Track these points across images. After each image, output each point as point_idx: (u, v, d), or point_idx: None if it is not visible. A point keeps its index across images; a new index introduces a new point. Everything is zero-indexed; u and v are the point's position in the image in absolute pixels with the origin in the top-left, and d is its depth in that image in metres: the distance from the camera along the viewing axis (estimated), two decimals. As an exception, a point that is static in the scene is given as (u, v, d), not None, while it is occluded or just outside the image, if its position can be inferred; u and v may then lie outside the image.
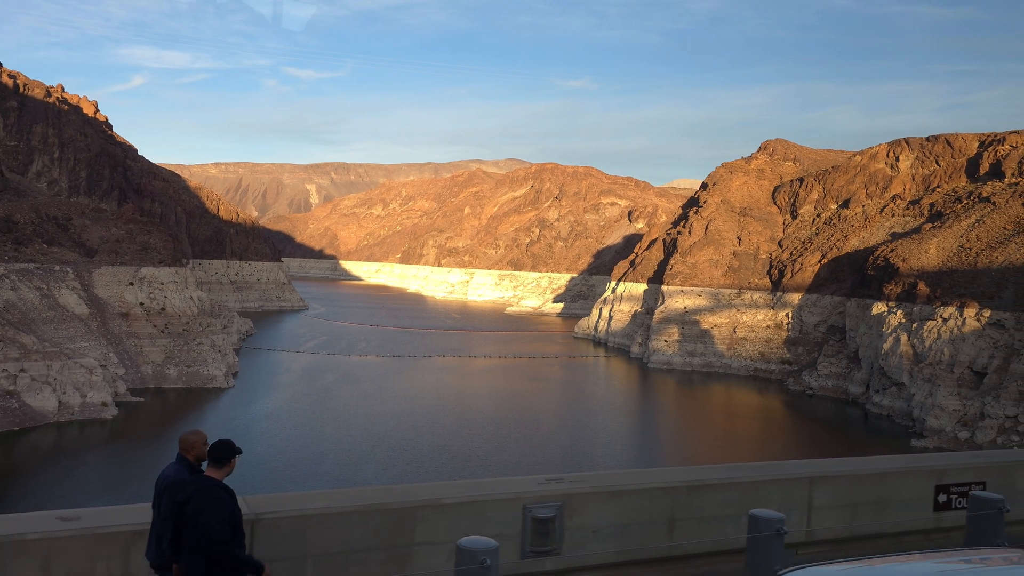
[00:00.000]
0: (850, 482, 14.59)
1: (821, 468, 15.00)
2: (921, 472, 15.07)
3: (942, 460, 15.81)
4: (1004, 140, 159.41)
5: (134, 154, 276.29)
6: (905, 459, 16.22)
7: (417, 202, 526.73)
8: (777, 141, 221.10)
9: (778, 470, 14.71)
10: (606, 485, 13.16)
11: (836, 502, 14.35)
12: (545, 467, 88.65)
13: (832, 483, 14.44)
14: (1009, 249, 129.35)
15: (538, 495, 12.30)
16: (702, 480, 13.77)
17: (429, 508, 11.96)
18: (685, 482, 13.58)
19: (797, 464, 15.14)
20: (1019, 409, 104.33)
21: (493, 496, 12.35)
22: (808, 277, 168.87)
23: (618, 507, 12.86)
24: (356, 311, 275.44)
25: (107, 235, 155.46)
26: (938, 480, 14.77)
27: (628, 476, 13.95)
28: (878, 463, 15.59)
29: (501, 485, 13.02)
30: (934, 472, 14.94)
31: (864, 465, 15.36)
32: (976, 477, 14.91)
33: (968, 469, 15.30)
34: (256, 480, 78.81)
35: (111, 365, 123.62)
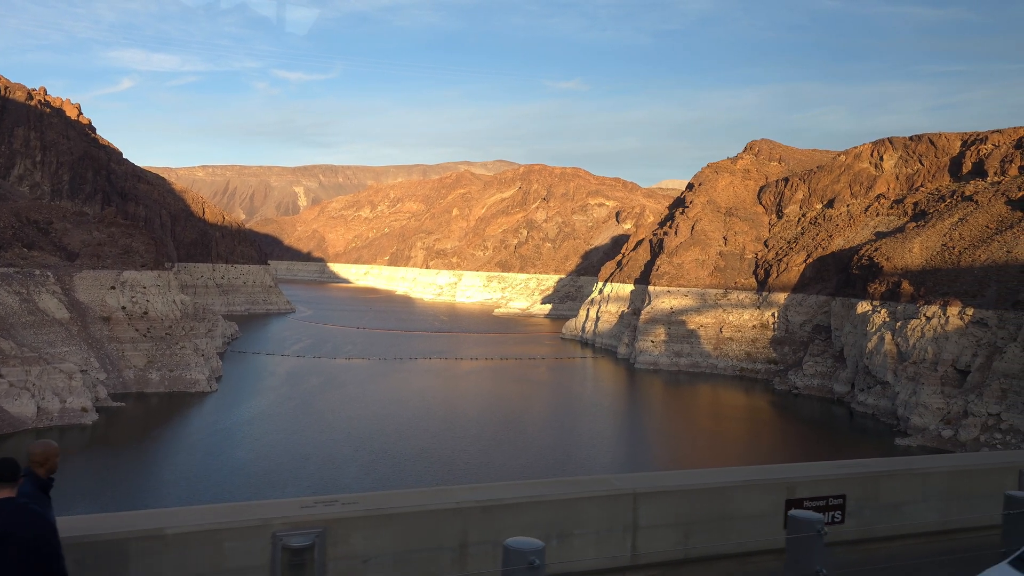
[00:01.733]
0: (683, 498, 12.94)
1: (648, 483, 13.23)
2: (769, 485, 13.41)
3: (794, 472, 13.90)
4: (986, 139, 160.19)
5: (118, 157, 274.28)
6: (751, 471, 14.19)
7: (405, 204, 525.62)
8: (762, 141, 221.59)
9: (597, 486, 12.85)
10: (382, 507, 11.52)
11: (667, 521, 12.74)
12: (531, 470, 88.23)
13: (662, 499, 12.80)
14: (992, 248, 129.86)
15: (293, 521, 10.66)
16: (500, 499, 12.05)
17: (149, 540, 10.04)
18: (480, 502, 11.88)
19: (621, 479, 13.19)
20: (1002, 407, 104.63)
21: (234, 523, 10.54)
22: (794, 277, 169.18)
23: (397, 532, 11.30)
24: (343, 314, 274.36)
25: (88, 239, 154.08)
26: (789, 494, 13.25)
27: (412, 496, 12.16)
28: (718, 476, 13.85)
29: (246, 510, 11.15)
30: (784, 485, 13.37)
31: (701, 478, 13.65)
32: (834, 490, 13.46)
33: (824, 482, 13.66)
34: (235, 485, 78.08)
35: (92, 370, 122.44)
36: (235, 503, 11.94)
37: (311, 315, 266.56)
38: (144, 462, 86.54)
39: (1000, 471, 14.91)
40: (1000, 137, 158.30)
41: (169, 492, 74.82)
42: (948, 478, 14.56)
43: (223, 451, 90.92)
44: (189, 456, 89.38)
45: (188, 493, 74.03)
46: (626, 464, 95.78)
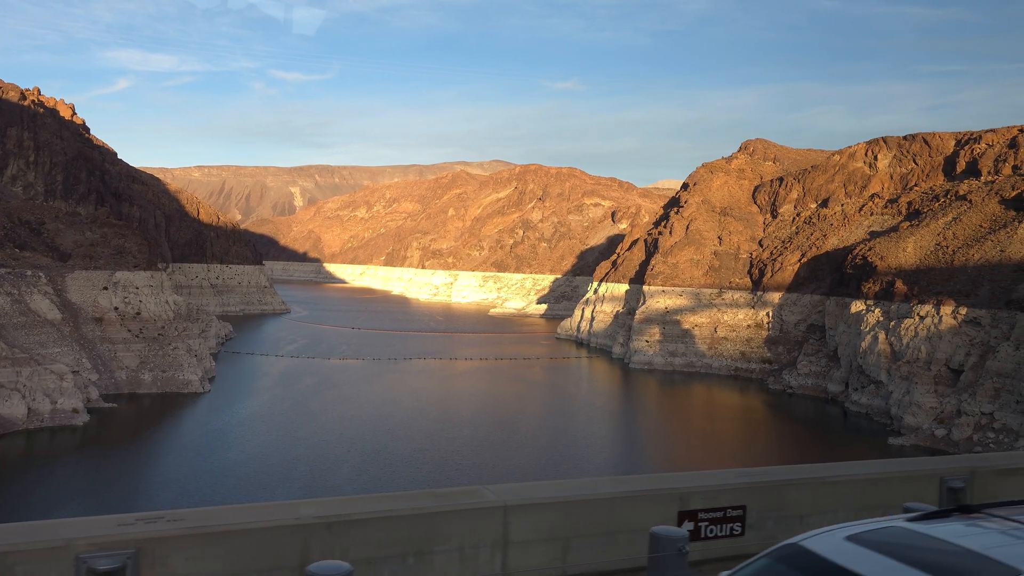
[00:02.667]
0: (561, 510, 11.80)
1: (522, 494, 12.06)
2: (658, 496, 12.32)
3: (687, 481, 12.78)
4: (980, 139, 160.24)
5: (113, 157, 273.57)
6: (641, 480, 13.08)
7: (401, 204, 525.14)
8: (757, 141, 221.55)
9: (463, 498, 11.72)
10: (211, 524, 10.34)
11: (543, 535, 11.67)
12: (524, 470, 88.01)
13: (536, 512, 11.69)
14: (985, 247, 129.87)
15: (101, 541, 9.52)
16: (348, 515, 10.89)
17: None
18: (324, 518, 10.70)
19: (492, 490, 12.00)
20: (995, 406, 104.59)
21: (30, 545, 9.30)
22: (788, 276, 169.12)
23: (228, 552, 10.13)
24: (339, 314, 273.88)
25: (81, 239, 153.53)
26: (681, 505, 12.19)
27: (248, 511, 10.96)
28: (602, 486, 12.67)
29: (46, 529, 9.83)
30: (675, 496, 12.29)
31: (581, 489, 12.42)
32: (733, 500, 12.36)
33: (722, 491, 12.50)
34: (225, 487, 77.72)
35: (84, 371, 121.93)
36: (35, 521, 10.67)
37: (306, 315, 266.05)
38: (134, 464, 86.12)
39: (921, 479, 13.81)
40: (994, 136, 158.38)
41: (158, 494, 74.41)
42: (862, 487, 13.44)
43: (214, 452, 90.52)
44: (179, 458, 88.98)
45: (177, 495, 73.64)
46: (619, 464, 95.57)
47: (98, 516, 10.89)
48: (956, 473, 13.67)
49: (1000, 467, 14.21)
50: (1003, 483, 14.00)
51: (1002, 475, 14.04)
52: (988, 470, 13.93)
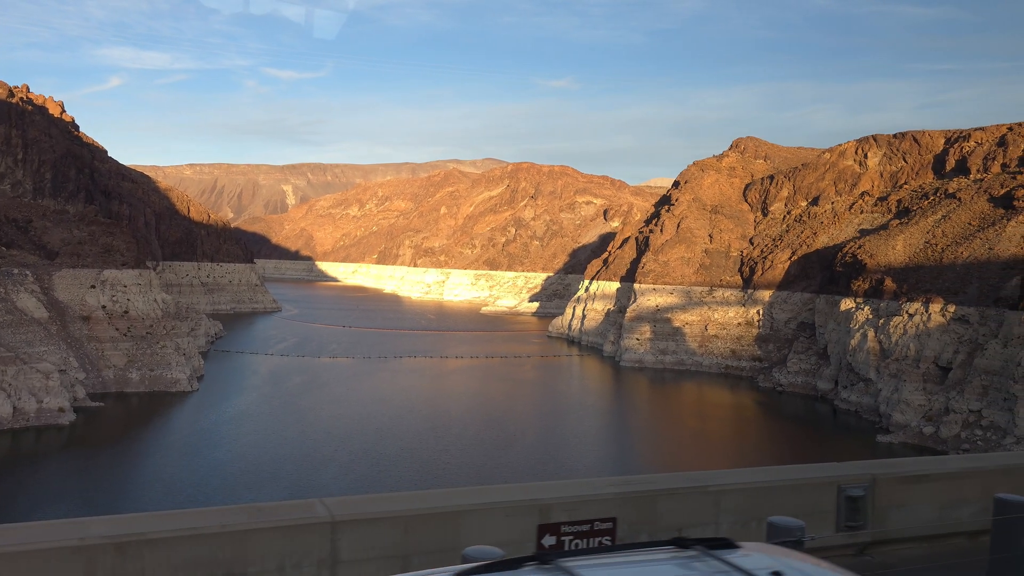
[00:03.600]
0: (400, 525, 10.71)
1: (355, 508, 10.83)
2: (515, 508, 11.15)
3: (550, 492, 11.56)
4: (969, 137, 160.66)
5: (103, 155, 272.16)
6: (497, 491, 11.83)
7: (393, 202, 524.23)
8: (748, 139, 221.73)
9: (285, 513, 10.40)
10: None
11: (378, 553, 10.59)
12: (512, 469, 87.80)
13: (371, 528, 10.59)
14: (974, 245, 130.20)
15: None
16: (142, 533, 9.42)
17: None
18: (113, 537, 9.29)
19: (323, 503, 10.72)
20: (983, 403, 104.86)
21: None
22: (778, 274, 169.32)
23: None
24: (330, 312, 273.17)
25: (69, 237, 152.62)
26: (542, 518, 11.02)
27: (24, 532, 9.47)
28: (449, 498, 11.44)
29: None
30: (535, 508, 11.09)
31: (425, 502, 11.19)
32: (602, 512, 11.20)
33: (589, 502, 11.28)
34: (211, 487, 77.29)
35: (71, 370, 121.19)
36: None
37: (297, 314, 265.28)
38: (120, 463, 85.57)
39: (814, 487, 12.51)
40: (983, 135, 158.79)
41: (143, 494, 73.95)
42: (748, 496, 12.25)
43: (201, 452, 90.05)
44: (166, 457, 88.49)
45: (162, 495, 73.21)
46: (606, 465, 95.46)
47: None
48: (855, 480, 12.52)
49: (905, 474, 12.99)
50: (908, 491, 12.80)
51: (906, 482, 12.78)
52: (891, 477, 12.72)
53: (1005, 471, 13.68)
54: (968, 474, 13.48)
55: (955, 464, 13.72)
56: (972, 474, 13.51)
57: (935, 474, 13.22)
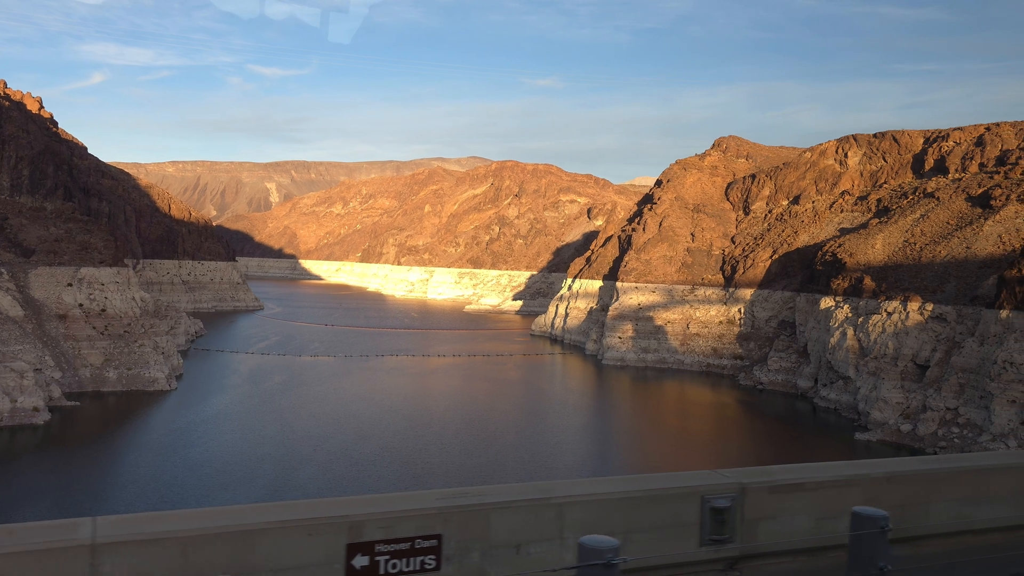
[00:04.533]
0: (179, 547, 9.30)
1: (122, 529, 9.42)
2: (322, 526, 9.93)
3: (362, 507, 10.32)
4: (948, 137, 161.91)
5: (82, 152, 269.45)
6: (302, 507, 10.43)
7: (377, 200, 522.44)
8: (730, 138, 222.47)
9: (35, 536, 8.97)
10: None
11: (136, 571, 9.21)
12: (490, 469, 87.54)
13: (143, 550, 9.16)
14: (952, 244, 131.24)
15: None
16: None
17: None
18: None
19: (89, 524, 9.33)
20: (959, 401, 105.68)
21: None
22: (760, 273, 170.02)
23: None
24: (313, 311, 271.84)
25: (45, 235, 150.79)
26: (352, 537, 9.87)
27: None
28: (244, 515, 10.09)
29: None
30: (344, 525, 9.92)
31: (208, 521, 9.85)
32: (424, 528, 10.12)
33: (409, 518, 10.14)
34: (187, 486, 76.53)
35: (46, 368, 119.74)
36: None
37: (280, 312, 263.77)
38: (94, 463, 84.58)
39: (675, 498, 11.37)
40: (961, 135, 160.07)
41: (116, 494, 73.08)
42: (599, 509, 11.10)
43: (176, 451, 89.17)
44: (141, 457, 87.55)
45: (135, 496, 72.37)
46: (585, 463, 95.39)
47: None
48: (721, 490, 11.44)
49: (777, 482, 11.80)
50: (781, 501, 11.69)
51: (779, 492, 11.66)
52: (761, 487, 11.60)
53: (889, 478, 12.48)
54: (849, 482, 12.25)
55: (834, 472, 12.35)
56: (853, 482, 12.28)
57: (811, 483, 12.01)
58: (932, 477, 12.80)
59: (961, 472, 13.07)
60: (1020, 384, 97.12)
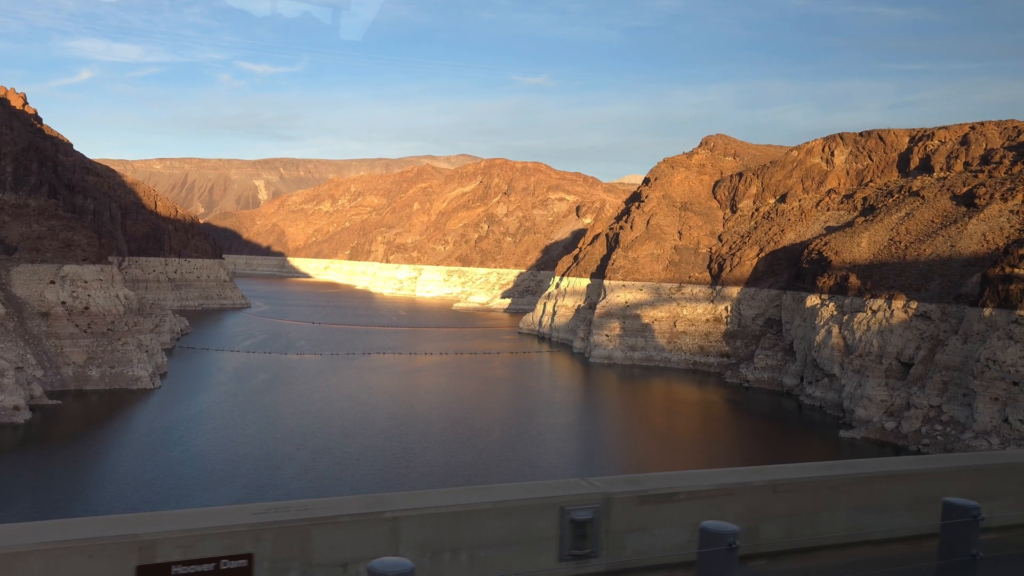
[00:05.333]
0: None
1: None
2: (105, 546, 8.55)
3: (157, 524, 9.00)
4: (933, 135, 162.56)
5: (68, 148, 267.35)
6: (81, 525, 9.08)
7: (366, 198, 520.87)
8: (718, 136, 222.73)
9: None
10: None
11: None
12: (473, 468, 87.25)
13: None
14: (936, 242, 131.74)
15: None
16: None
17: None
18: None
19: None
20: (943, 399, 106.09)
21: None
22: (746, 271, 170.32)
23: None
24: (300, 309, 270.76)
25: (28, 232, 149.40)
26: (144, 558, 8.53)
27: None
28: (14, 536, 8.69)
29: None
30: (133, 545, 8.57)
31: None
32: (232, 548, 8.89)
33: (215, 536, 8.91)
34: (166, 486, 75.91)
35: (28, 367, 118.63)
36: None
37: (266, 310, 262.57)
38: (74, 463, 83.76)
39: (531, 510, 10.29)
40: (946, 133, 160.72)
41: (95, 494, 72.38)
42: (441, 523, 9.99)
43: (158, 451, 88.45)
44: (121, 456, 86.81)
45: (114, 496, 71.69)
46: (570, 463, 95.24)
47: None
48: (582, 501, 10.39)
49: (647, 492, 10.74)
50: (652, 512, 10.65)
51: (648, 502, 10.61)
52: (629, 496, 10.56)
53: (774, 487, 11.38)
54: (727, 491, 11.16)
55: (712, 480, 11.32)
56: (732, 491, 11.21)
57: (685, 492, 10.93)
58: (823, 485, 11.69)
59: (855, 480, 11.95)
60: (1003, 382, 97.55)
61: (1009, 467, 12.97)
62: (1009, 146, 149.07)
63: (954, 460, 13.44)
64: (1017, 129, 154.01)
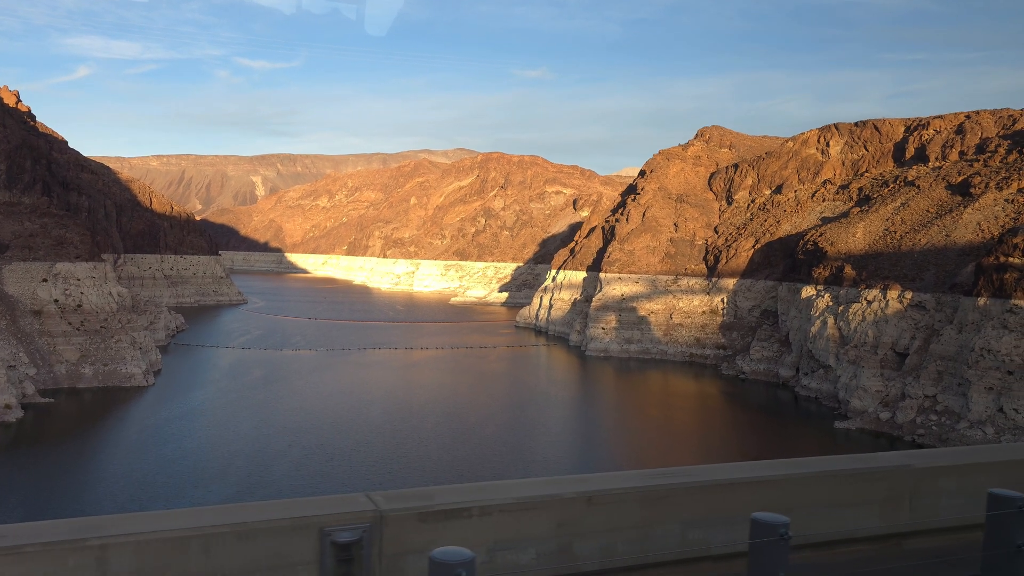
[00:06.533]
0: None
1: None
2: None
3: None
4: (928, 125, 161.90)
5: (62, 146, 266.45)
6: None
7: (363, 193, 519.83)
8: (713, 128, 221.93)
9: None
10: None
11: None
12: (466, 464, 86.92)
13: None
14: (931, 232, 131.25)
15: None
16: None
17: None
18: None
19: None
20: (938, 388, 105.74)
21: None
22: (742, 262, 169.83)
23: None
24: (297, 304, 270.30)
25: (20, 230, 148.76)
26: None
27: None
28: None
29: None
30: None
31: None
32: None
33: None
34: (157, 484, 75.56)
35: (20, 365, 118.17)
36: None
37: (263, 306, 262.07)
38: (65, 462, 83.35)
39: (281, 532, 8.50)
40: (941, 123, 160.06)
41: (84, 494, 72.00)
42: (157, 551, 8.07)
43: (149, 449, 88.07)
44: (113, 454, 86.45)
45: (104, 495, 71.33)
46: (564, 459, 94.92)
47: None
48: (349, 519, 8.68)
49: (431, 508, 9.11)
50: (434, 531, 8.98)
51: (432, 519, 9.05)
52: (407, 513, 8.98)
53: (589, 499, 9.77)
54: (528, 505, 9.45)
55: (513, 492, 9.62)
56: (535, 504, 9.47)
57: (477, 507, 9.23)
58: (649, 496, 9.95)
59: (686, 490, 10.13)
60: (997, 371, 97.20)
61: (815, 476, 10.81)
62: (1004, 135, 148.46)
63: (761, 469, 10.98)
64: (1012, 118, 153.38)
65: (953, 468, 11.46)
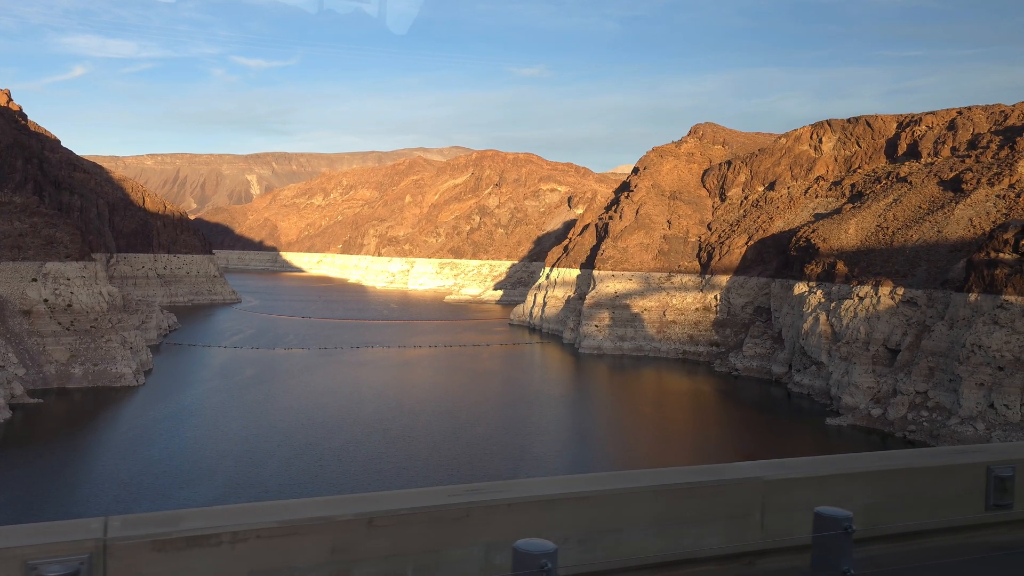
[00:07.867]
0: None
1: None
2: None
3: None
4: (920, 121, 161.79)
5: (54, 145, 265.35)
6: None
7: (358, 191, 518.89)
8: (706, 125, 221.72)
9: None
10: None
11: None
12: (456, 463, 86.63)
13: None
14: (923, 228, 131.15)
15: None
16: None
17: None
18: None
19: None
20: (929, 384, 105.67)
21: None
22: (736, 259, 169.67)
23: None
24: (291, 303, 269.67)
25: (9, 229, 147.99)
26: None
27: None
28: None
29: None
30: None
31: None
32: None
33: None
34: (143, 485, 75.14)
35: (9, 365, 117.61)
36: None
37: (257, 305, 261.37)
38: (53, 462, 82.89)
39: None
40: (934, 119, 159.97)
41: (70, 495, 71.54)
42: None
43: (138, 449, 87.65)
44: (102, 455, 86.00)
45: (90, 496, 70.90)
46: (558, 458, 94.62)
47: None
48: (63, 551, 7.13)
49: (168, 535, 7.53)
50: (175, 561, 7.45)
51: (169, 548, 7.50)
52: (137, 542, 7.42)
53: (368, 521, 8.34)
54: (291, 529, 7.98)
55: (274, 515, 8.05)
56: (298, 529, 8.01)
57: (228, 533, 7.72)
58: (445, 516, 8.55)
59: (489, 507, 8.66)
60: (988, 367, 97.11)
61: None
62: (996, 130, 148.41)
63: (580, 484, 9.57)
64: (1004, 113, 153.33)
65: (811, 480, 10.09)
